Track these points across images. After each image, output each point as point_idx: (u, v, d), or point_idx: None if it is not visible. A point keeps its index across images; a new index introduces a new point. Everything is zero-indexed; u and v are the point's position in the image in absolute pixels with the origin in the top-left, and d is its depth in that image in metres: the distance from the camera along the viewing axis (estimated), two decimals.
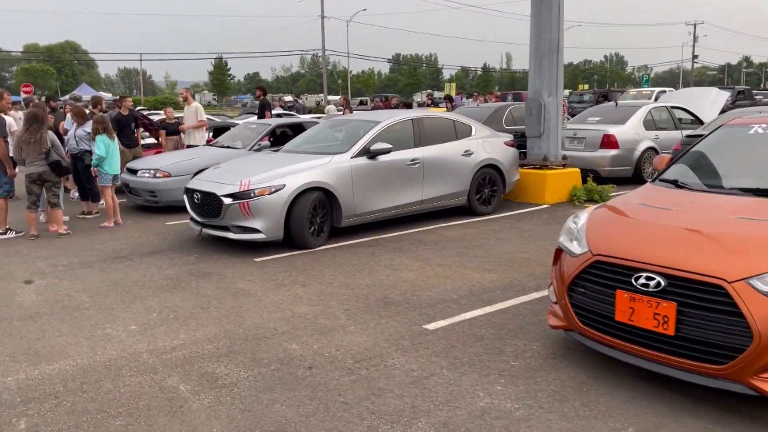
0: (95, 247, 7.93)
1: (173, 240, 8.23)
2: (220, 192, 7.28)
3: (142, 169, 10.12)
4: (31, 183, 8.34)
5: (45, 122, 8.27)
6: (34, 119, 8.19)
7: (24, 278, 6.59)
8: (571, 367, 4.06)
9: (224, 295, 5.83)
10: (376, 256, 7.07)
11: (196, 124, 12.13)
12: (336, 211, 7.72)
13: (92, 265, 7.06)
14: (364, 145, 7.99)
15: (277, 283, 6.15)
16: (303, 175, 7.43)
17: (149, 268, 6.86)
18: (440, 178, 8.59)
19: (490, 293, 5.60)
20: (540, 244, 7.34)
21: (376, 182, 7.97)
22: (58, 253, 7.65)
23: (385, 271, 6.44)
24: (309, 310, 5.33)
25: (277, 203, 7.20)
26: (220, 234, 7.46)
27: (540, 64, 9.93)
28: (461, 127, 9.12)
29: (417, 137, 8.53)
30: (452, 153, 8.75)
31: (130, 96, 14.38)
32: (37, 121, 8.16)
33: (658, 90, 27.42)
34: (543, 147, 10.09)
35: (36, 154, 8.16)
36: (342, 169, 7.69)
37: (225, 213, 7.24)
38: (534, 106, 10.07)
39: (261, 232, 7.20)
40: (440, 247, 7.37)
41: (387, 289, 5.80)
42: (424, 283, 5.95)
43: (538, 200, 9.87)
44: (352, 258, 7.01)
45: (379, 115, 8.91)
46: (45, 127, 8.25)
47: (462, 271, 6.31)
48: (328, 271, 6.49)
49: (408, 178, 8.28)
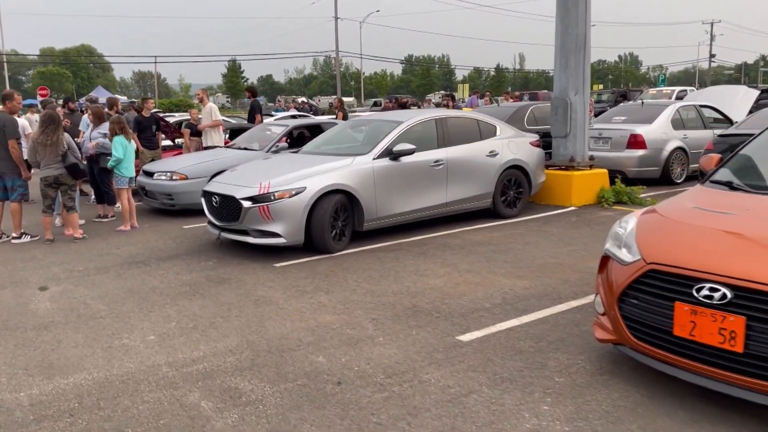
0: (111, 252, 7.73)
1: (191, 244, 8.02)
2: (239, 195, 7.05)
3: (158, 172, 9.93)
4: (46, 186, 8.16)
5: (61, 124, 8.09)
6: (50, 121, 8.01)
7: (39, 284, 6.40)
8: (622, 384, 3.76)
9: (245, 302, 5.58)
10: (400, 261, 6.80)
11: (211, 124, 11.92)
12: (358, 214, 7.47)
13: (108, 271, 6.85)
14: (387, 146, 7.72)
15: (299, 290, 5.90)
16: (324, 177, 7.18)
17: (167, 274, 6.64)
18: (464, 179, 8.31)
19: (524, 301, 5.31)
20: (571, 249, 7.03)
21: (399, 184, 7.71)
22: (73, 258, 7.46)
23: (411, 277, 6.17)
24: (334, 319, 5.07)
25: (298, 206, 6.95)
26: (239, 238, 7.22)
27: (566, 62, 9.62)
28: (485, 127, 8.83)
29: (440, 137, 8.25)
30: (477, 154, 8.46)
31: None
32: (53, 122, 7.98)
33: (679, 89, 26.92)
34: (569, 147, 9.77)
35: (52, 156, 7.98)
36: (364, 170, 7.43)
37: (244, 217, 7.00)
38: (560, 105, 9.75)
39: (281, 236, 6.96)
40: (467, 251, 7.08)
41: (415, 297, 5.53)
42: (453, 291, 5.67)
43: (564, 202, 9.56)
44: (375, 263, 6.74)
45: (401, 114, 8.64)
46: (61, 128, 8.06)
47: (492, 278, 6.02)
48: (351, 277, 6.24)
49: (431, 180, 8.00)
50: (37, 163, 8.15)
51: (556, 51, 9.81)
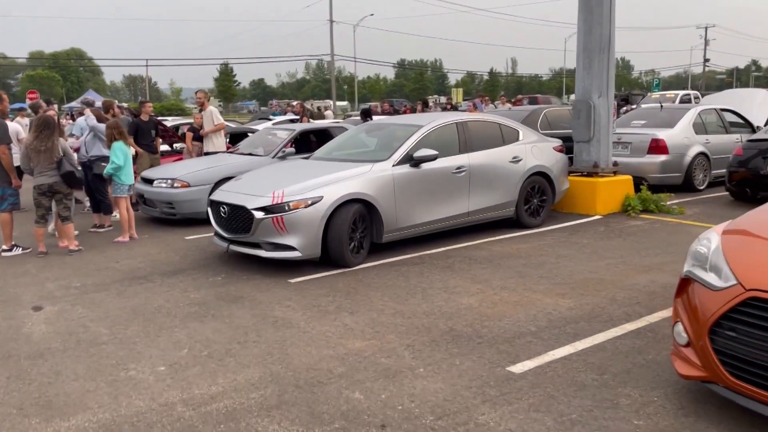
0: (110, 266, 7.18)
1: (196, 257, 7.48)
2: (251, 205, 6.52)
3: (158, 179, 9.38)
4: (40, 195, 7.60)
5: (56, 129, 7.54)
6: (45, 125, 7.46)
7: (32, 303, 5.85)
8: (713, 428, 3.26)
9: (262, 325, 5.06)
10: (425, 276, 6.29)
11: (215, 128, 11.37)
12: (377, 225, 6.96)
13: (108, 288, 6.30)
14: (407, 152, 7.22)
15: (321, 309, 5.38)
16: (342, 185, 6.67)
17: (172, 291, 6.10)
18: (487, 187, 7.82)
19: (573, 324, 4.81)
20: (608, 262, 6.54)
21: (420, 193, 7.21)
22: (69, 273, 6.90)
23: (441, 295, 5.66)
24: (365, 345, 4.56)
25: (315, 217, 6.43)
26: (250, 252, 6.69)
27: (589, 63, 9.16)
28: (508, 131, 8.35)
29: (462, 142, 7.76)
30: (500, 160, 7.98)
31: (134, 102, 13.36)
32: (48, 127, 7.43)
33: (683, 93, 26.59)
34: (593, 152, 9.31)
35: (46, 163, 7.43)
36: (384, 178, 6.93)
37: (256, 228, 6.48)
38: (583, 108, 9.29)
39: (296, 249, 6.44)
40: (496, 265, 6.58)
41: (450, 319, 5.02)
42: (491, 311, 5.17)
43: (588, 211, 9.08)
44: (399, 279, 6.24)
45: (420, 118, 8.14)
46: (57, 134, 7.51)
47: (531, 296, 5.53)
48: (375, 295, 5.72)
49: (453, 188, 7.51)
50: (30, 170, 7.60)
51: (578, 52, 9.36)
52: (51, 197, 7.66)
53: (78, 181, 7.63)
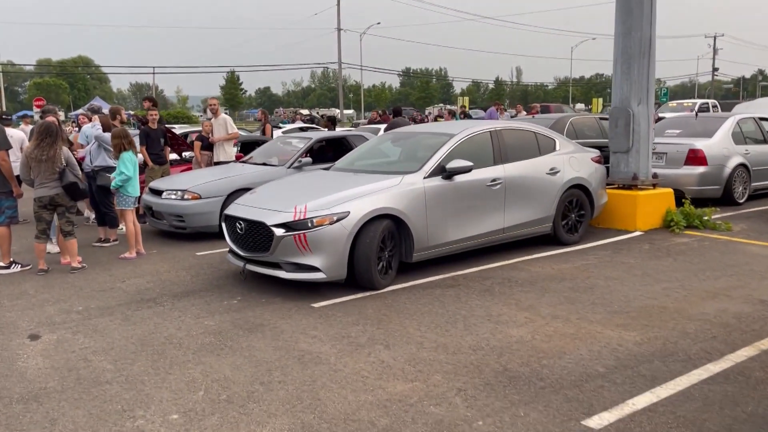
0: (116, 286, 6.60)
1: (208, 276, 6.88)
2: (270, 221, 5.93)
3: (167, 190, 8.80)
4: (41, 208, 7.03)
5: (59, 136, 6.98)
6: (46, 133, 6.90)
7: (29, 331, 5.26)
8: None
9: (287, 360, 4.45)
10: (463, 301, 5.68)
11: (228, 137, 10.80)
12: (406, 243, 6.36)
13: (113, 312, 5.71)
14: (438, 163, 6.63)
15: (352, 341, 4.78)
16: (369, 199, 6.08)
17: (184, 317, 5.50)
18: (523, 201, 7.22)
19: (646, 364, 4.18)
20: (665, 287, 5.92)
21: (453, 207, 6.61)
22: (71, 294, 6.32)
23: (485, 324, 5.05)
24: (408, 388, 3.95)
25: (341, 235, 5.84)
26: (269, 272, 6.09)
27: (628, 68, 8.56)
28: (544, 141, 7.75)
29: (497, 153, 7.17)
30: (536, 171, 7.38)
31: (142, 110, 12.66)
32: (50, 135, 6.87)
33: (701, 102, 25.97)
34: (631, 163, 8.69)
35: (48, 173, 6.86)
36: (414, 191, 6.33)
37: (276, 247, 5.88)
38: (621, 116, 8.69)
39: (320, 270, 5.84)
40: (540, 289, 5.97)
41: (501, 355, 4.41)
42: (546, 346, 4.55)
43: (627, 226, 8.46)
44: (434, 304, 5.63)
45: (451, 126, 7.55)
46: (59, 142, 6.95)
47: (588, 327, 4.90)
48: (411, 324, 5.11)
49: (488, 202, 6.91)
50: (30, 180, 7.03)
51: (615, 56, 8.76)
52: (53, 210, 7.09)
53: (81, 194, 7.06)
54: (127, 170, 7.57)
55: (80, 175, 7.07)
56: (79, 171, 7.11)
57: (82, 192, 7.03)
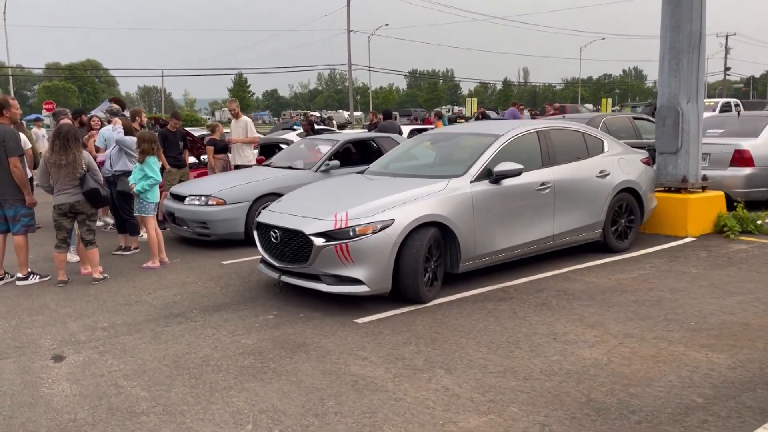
0: (141, 299, 6.18)
1: (238, 288, 6.46)
2: (309, 230, 5.50)
3: (191, 195, 8.39)
4: (60, 216, 6.63)
5: (79, 140, 6.57)
6: (65, 137, 6.50)
7: (52, 351, 4.84)
8: None
9: (339, 386, 4.01)
10: (521, 316, 5.23)
11: (247, 140, 10.39)
12: (452, 252, 5.91)
13: (141, 329, 5.29)
14: (485, 166, 6.18)
15: (407, 364, 4.33)
16: (414, 206, 5.63)
17: (218, 334, 5.07)
18: (573, 206, 6.76)
19: (749, 393, 3.71)
20: (739, 300, 5.44)
21: (501, 213, 6.16)
22: (94, 308, 5.90)
23: (552, 344, 4.59)
24: (483, 423, 3.50)
25: (386, 244, 5.40)
26: (307, 285, 5.66)
27: (677, 63, 8.08)
28: (592, 141, 7.29)
29: (545, 154, 6.71)
30: (586, 174, 6.92)
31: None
32: (69, 138, 6.47)
33: (723, 101, 25.38)
34: (680, 165, 8.21)
35: (68, 179, 6.46)
36: (461, 197, 5.89)
37: (315, 258, 5.45)
38: (669, 115, 8.21)
39: (363, 283, 5.40)
40: (601, 302, 5.50)
41: (580, 382, 3.95)
42: (628, 371, 4.08)
43: (677, 231, 7.98)
44: (489, 320, 5.17)
45: (495, 126, 7.09)
46: (79, 145, 6.55)
47: (669, 348, 4.44)
48: (469, 344, 4.66)
49: (537, 208, 6.45)
50: (49, 187, 6.64)
51: (662, 52, 8.29)
52: (73, 218, 6.69)
53: (103, 200, 6.65)
54: (156, 175, 7.16)
55: (102, 181, 6.67)
56: (101, 176, 6.70)
57: (104, 198, 6.62)
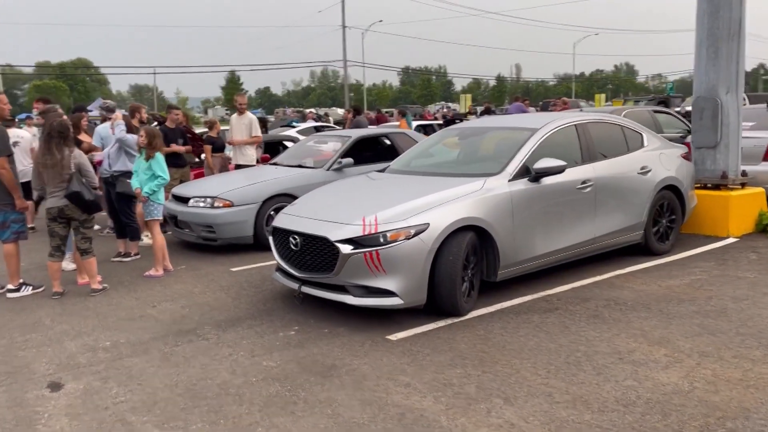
0: (146, 313, 5.60)
1: (251, 299, 5.89)
2: (335, 236, 4.93)
3: (195, 197, 7.80)
4: (51, 221, 6.04)
5: (69, 138, 5.96)
6: (55, 134, 5.90)
7: (48, 377, 4.27)
8: None
9: (384, 421, 3.46)
10: (573, 331, 4.68)
11: (250, 140, 9.76)
12: (489, 258, 5.36)
13: (148, 349, 4.72)
14: (523, 162, 5.63)
15: (458, 392, 3.78)
16: (449, 208, 5.08)
17: (235, 355, 4.51)
18: (615, 206, 6.22)
19: None
20: None
21: (541, 215, 5.61)
22: (94, 325, 5.32)
23: (619, 366, 4.04)
24: None
25: (420, 251, 4.84)
26: (331, 297, 5.09)
27: (716, 52, 7.56)
28: (631, 135, 6.75)
29: (584, 150, 6.17)
30: (627, 171, 6.38)
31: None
32: (60, 136, 5.87)
33: None
34: (719, 160, 7.70)
35: (57, 181, 5.87)
36: (499, 197, 5.33)
37: (342, 267, 4.88)
38: (707, 106, 7.69)
39: (396, 294, 4.84)
40: (659, 313, 4.97)
41: (666, 414, 3.40)
42: (717, 399, 3.54)
43: (718, 231, 7.46)
44: (539, 335, 4.63)
45: (528, 120, 6.52)
46: (70, 144, 5.95)
47: (757, 369, 3.89)
48: (524, 366, 4.11)
49: (578, 208, 5.91)
50: (43, 190, 6.05)
51: (698, 39, 7.76)
52: (66, 224, 6.09)
53: (89, 205, 5.94)
54: (165, 173, 6.58)
55: (95, 183, 6.05)
56: (94, 178, 6.08)
57: (90, 203, 5.93)
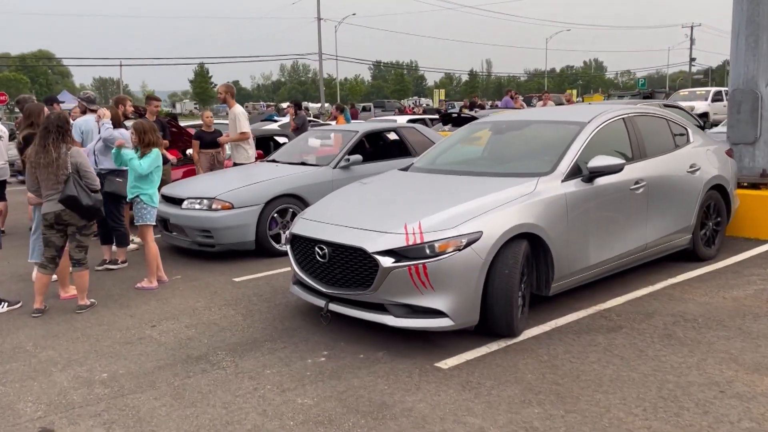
0: (145, 334, 4.84)
1: (264, 315, 5.17)
2: (374, 246, 4.24)
3: (190, 198, 7.01)
4: (47, 228, 5.21)
5: (68, 133, 5.16)
6: (53, 129, 5.08)
7: (37, 422, 3.50)
8: None
9: None
10: (651, 356, 4.08)
11: (237, 138, 8.83)
12: (542, 269, 4.73)
13: (155, 382, 3.97)
14: (575, 160, 5.01)
15: None
16: (502, 213, 4.43)
17: (262, 389, 3.80)
18: (666, 208, 5.65)
19: None
20: None
21: (595, 219, 5.01)
22: (86, 350, 4.55)
23: (725, 401, 3.45)
24: None
25: (473, 265, 4.18)
26: (367, 317, 4.40)
27: (755, 41, 7.05)
28: (677, 130, 6.19)
29: (634, 146, 5.58)
30: (677, 170, 5.82)
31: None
32: (58, 131, 5.06)
33: (714, 90, 24.84)
34: (759, 157, 7.21)
35: (51, 183, 5.06)
36: (553, 200, 4.70)
37: (382, 282, 4.20)
38: (745, 99, 7.19)
39: (446, 315, 4.17)
40: (739, 332, 4.40)
41: None
42: None
43: (759, 234, 6.96)
44: (613, 361, 4.01)
45: (574, 112, 5.89)
46: (68, 140, 5.14)
47: None
48: (611, 401, 3.49)
49: (631, 211, 5.32)
50: (38, 192, 5.23)
51: (736, 26, 7.25)
52: (63, 232, 5.26)
53: (87, 211, 5.15)
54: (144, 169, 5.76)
55: (96, 185, 5.24)
56: (95, 180, 5.26)
57: (89, 209, 5.12)
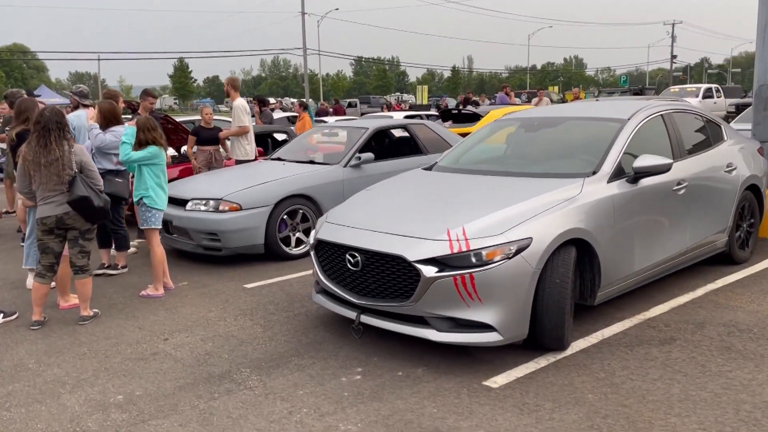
0: (158, 348, 4.44)
1: (286, 326, 4.79)
2: (413, 254, 3.89)
3: (194, 199, 6.60)
4: (46, 233, 4.77)
5: (68, 129, 4.73)
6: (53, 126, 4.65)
7: None
8: None
9: None
10: (715, 372, 3.79)
11: (237, 131, 8.47)
12: (587, 277, 4.42)
13: (177, 405, 3.59)
14: (618, 160, 4.71)
15: None
16: (550, 218, 4.10)
17: (298, 413, 3.44)
18: (705, 209, 5.38)
19: None
20: None
21: (639, 223, 4.70)
22: (95, 368, 4.14)
23: None
24: None
25: (523, 274, 3.86)
26: (405, 330, 4.05)
27: None
28: (712, 128, 5.93)
29: (674, 144, 5.29)
30: (715, 169, 5.55)
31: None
32: (58, 127, 4.63)
33: (705, 87, 24.87)
34: None
35: (53, 184, 4.63)
36: (601, 203, 4.39)
37: (423, 293, 3.86)
38: None
39: (495, 329, 3.84)
40: None
41: None
42: None
43: None
44: (676, 378, 3.71)
45: (610, 109, 5.56)
46: (68, 136, 4.71)
47: None
48: (688, 426, 3.19)
49: (674, 213, 5.03)
50: (31, 193, 4.80)
51: (762, 21, 7.01)
52: (63, 236, 4.83)
53: (98, 213, 4.77)
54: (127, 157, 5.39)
55: (101, 185, 4.82)
56: (99, 179, 4.85)
57: (99, 211, 4.74)
